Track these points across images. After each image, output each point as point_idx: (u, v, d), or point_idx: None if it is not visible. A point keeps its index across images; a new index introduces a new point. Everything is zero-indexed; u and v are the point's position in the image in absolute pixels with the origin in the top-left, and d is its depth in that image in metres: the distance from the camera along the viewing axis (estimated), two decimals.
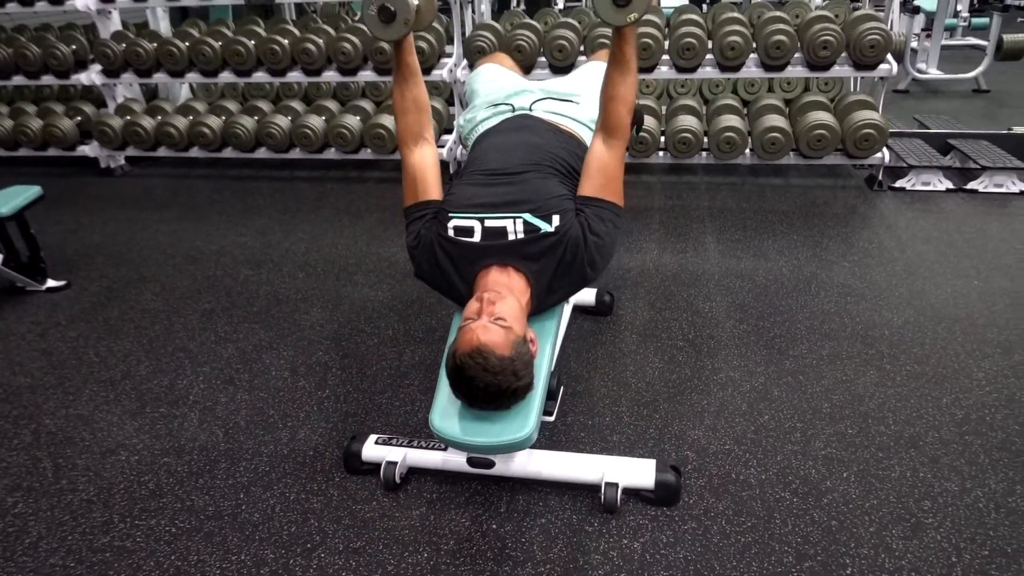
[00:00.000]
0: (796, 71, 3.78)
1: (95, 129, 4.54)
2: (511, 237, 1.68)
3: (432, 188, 1.79)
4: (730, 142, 3.82)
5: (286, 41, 4.17)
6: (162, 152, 4.61)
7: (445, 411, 1.65)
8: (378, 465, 1.89)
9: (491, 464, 1.77)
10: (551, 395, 1.76)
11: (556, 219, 1.69)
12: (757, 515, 1.75)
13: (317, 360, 2.49)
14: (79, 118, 4.70)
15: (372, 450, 1.92)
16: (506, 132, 1.96)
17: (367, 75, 4.22)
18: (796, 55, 3.74)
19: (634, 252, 3.23)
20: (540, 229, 1.68)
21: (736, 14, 3.86)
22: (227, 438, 2.12)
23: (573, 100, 2.03)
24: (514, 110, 2.02)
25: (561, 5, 8.15)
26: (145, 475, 1.98)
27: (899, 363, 2.33)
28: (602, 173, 1.70)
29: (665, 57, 3.84)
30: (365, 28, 4.06)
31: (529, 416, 1.60)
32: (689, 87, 4.60)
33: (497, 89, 2.09)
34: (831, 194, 3.88)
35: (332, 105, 4.51)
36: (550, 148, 1.84)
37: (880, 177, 3.90)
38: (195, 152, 4.56)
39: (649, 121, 3.95)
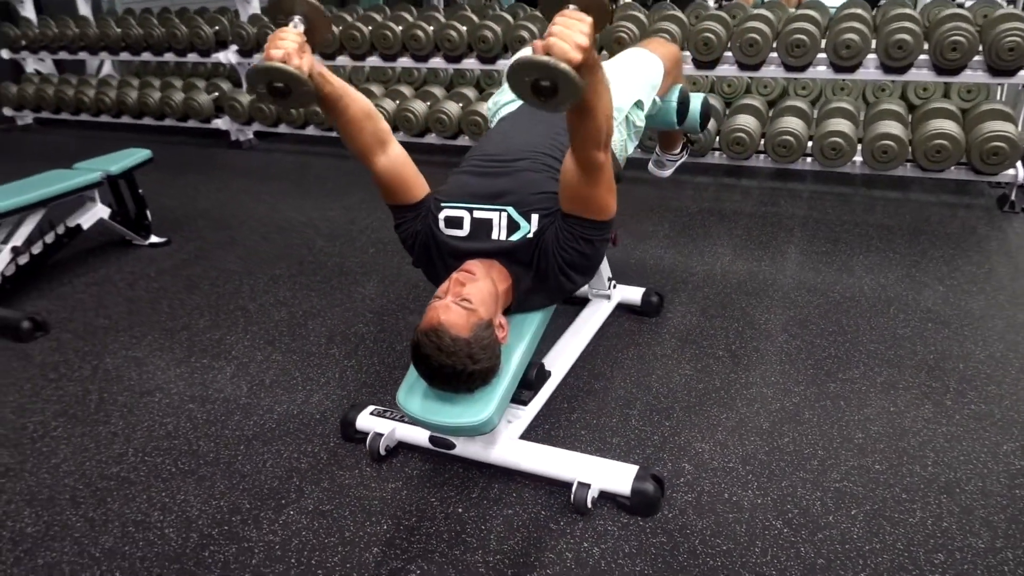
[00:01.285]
0: (976, 76, 3.39)
1: (226, 104, 4.92)
2: (495, 233, 1.64)
3: (415, 186, 1.73)
4: (836, 148, 3.53)
5: (430, 28, 4.27)
6: (283, 129, 4.91)
7: (412, 387, 1.64)
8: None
9: (451, 445, 1.75)
10: (528, 384, 1.70)
11: (535, 219, 1.63)
12: (737, 540, 1.61)
13: (355, 331, 2.57)
14: (216, 94, 5.11)
15: (366, 420, 1.95)
16: (518, 117, 1.91)
17: (725, 69, 3.85)
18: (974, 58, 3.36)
19: (704, 256, 3.07)
20: (519, 227, 1.63)
21: (908, 10, 3.48)
22: (249, 393, 2.23)
23: None
24: None
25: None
26: (168, 417, 2.13)
27: (964, 400, 2.06)
28: (578, 198, 1.56)
29: (822, 56, 3.57)
30: (507, 17, 4.12)
31: (490, 402, 1.56)
32: (849, 89, 4.26)
33: None
34: (951, 213, 3.50)
35: (470, 92, 4.53)
36: (559, 136, 1.77)
37: (1013, 197, 3.46)
38: (311, 130, 4.82)
39: (750, 122, 3.74)
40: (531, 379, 1.70)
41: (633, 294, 2.59)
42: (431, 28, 4.28)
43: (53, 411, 2.18)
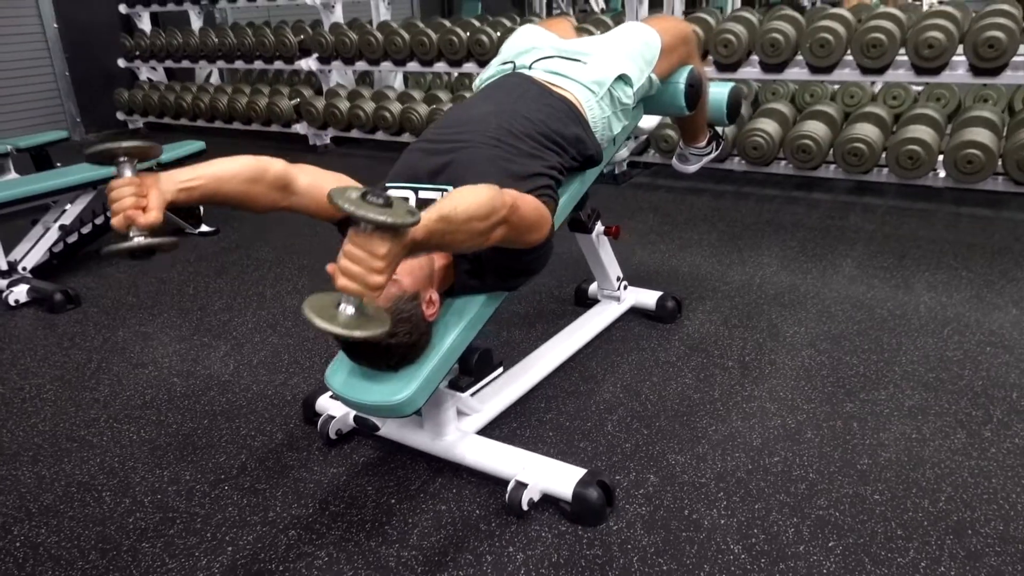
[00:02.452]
0: None
1: (303, 109, 5.08)
2: None
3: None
4: (913, 157, 3.19)
5: (497, 34, 4.23)
6: (355, 134, 5.02)
7: (340, 363, 1.55)
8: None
9: (374, 427, 1.64)
10: (467, 370, 1.58)
11: None
12: (682, 562, 1.41)
13: None
14: (297, 99, 5.29)
15: (324, 402, 1.88)
16: (486, 92, 1.80)
17: (795, 73, 3.58)
18: None
19: (746, 266, 2.83)
20: None
21: (1007, 6, 3.13)
22: (233, 372, 2.22)
23: (581, 60, 1.80)
24: (515, 68, 1.85)
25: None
26: (149, 389, 2.14)
27: (1007, 433, 1.75)
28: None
29: (902, 58, 3.28)
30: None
31: (412, 381, 1.45)
32: (928, 92, 3.89)
33: (513, 47, 1.94)
34: None
35: None
36: (521, 112, 1.64)
37: None
38: (380, 135, 4.89)
39: (818, 129, 3.45)
40: (470, 364, 1.57)
41: (648, 298, 2.41)
42: (498, 34, 4.24)
43: (52, 376, 2.25)
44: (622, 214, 3.54)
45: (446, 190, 1.53)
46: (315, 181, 1.53)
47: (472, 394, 1.68)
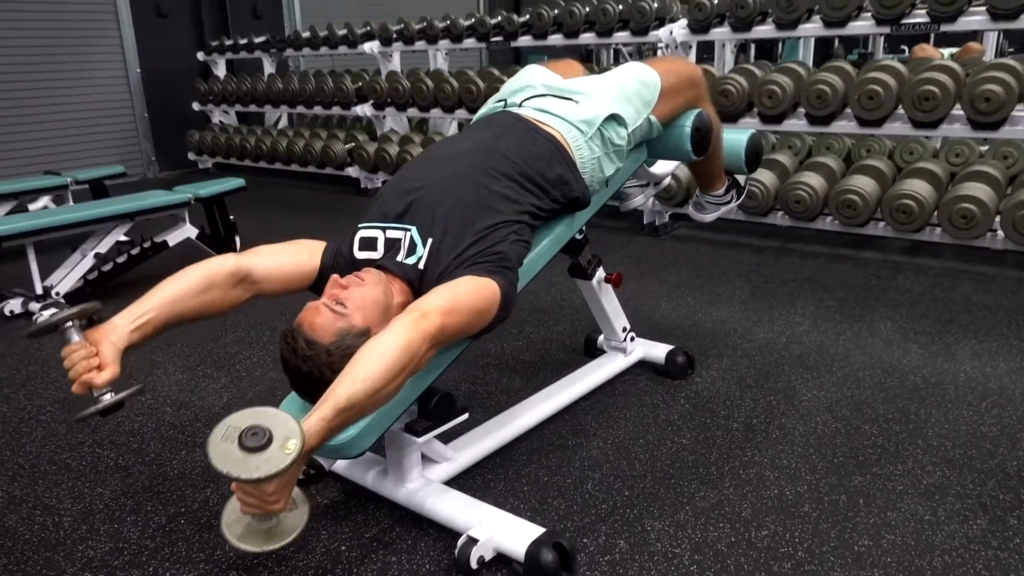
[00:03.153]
0: None
1: (355, 153, 5.19)
2: (400, 254, 1.48)
3: (303, 263, 1.54)
4: (967, 216, 2.98)
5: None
6: None
7: (292, 400, 1.50)
8: None
9: (319, 467, 1.56)
10: (424, 414, 1.50)
11: (429, 244, 1.46)
12: None
13: None
14: (352, 144, 5.42)
15: None
16: (470, 130, 1.76)
17: (843, 126, 3.43)
18: None
19: (775, 324, 2.67)
20: (415, 250, 1.47)
21: None
22: (225, 405, 2.20)
23: (572, 99, 1.74)
24: (506, 106, 1.81)
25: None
26: (140, 417, 2.14)
27: None
28: None
29: (960, 113, 3.10)
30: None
31: (358, 422, 1.38)
32: (994, 150, 3.67)
33: (509, 86, 1.89)
34: None
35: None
36: (502, 150, 1.59)
37: None
38: None
39: (865, 184, 3.28)
40: (428, 408, 1.49)
41: (658, 351, 2.28)
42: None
43: (54, 398, 2.28)
44: (655, 266, 3.42)
45: (409, 229, 1.49)
46: (273, 262, 1.51)
47: (441, 440, 1.60)
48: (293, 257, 1.54)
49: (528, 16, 4.48)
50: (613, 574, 1.44)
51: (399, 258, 1.48)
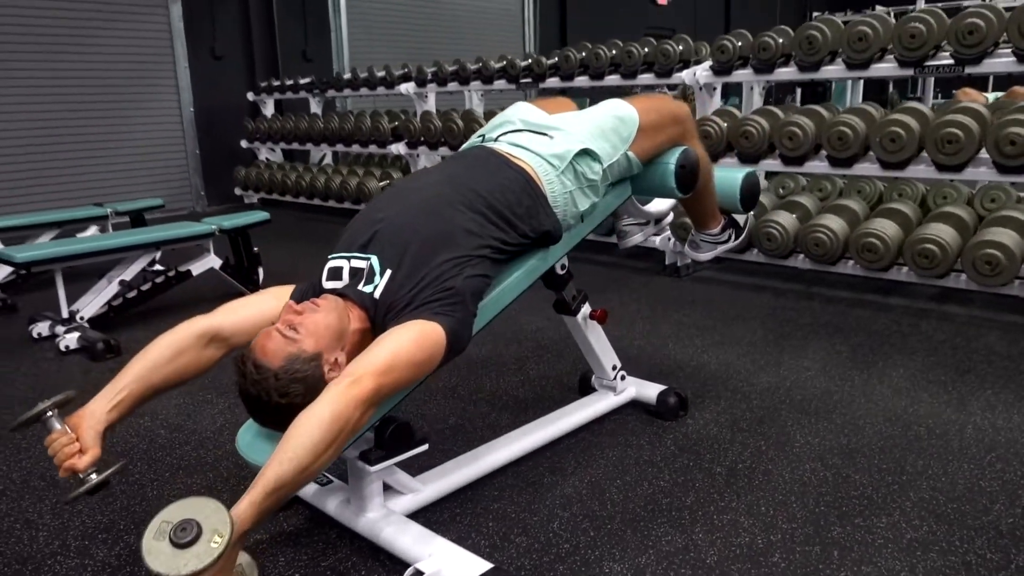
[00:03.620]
0: None
1: None
2: (362, 282, 1.51)
3: (268, 308, 1.55)
4: (991, 262, 2.87)
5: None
6: None
7: (252, 424, 1.52)
8: None
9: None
10: (380, 443, 1.50)
11: (387, 276, 1.49)
12: None
13: None
14: (387, 181, 5.55)
15: None
16: (444, 163, 1.79)
17: (865, 168, 3.35)
18: None
19: (781, 368, 2.60)
20: (374, 279, 1.50)
21: None
22: (217, 429, 2.24)
23: (547, 134, 1.75)
24: (484, 140, 1.83)
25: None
26: (134, 438, 2.20)
27: None
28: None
29: (984, 156, 3.00)
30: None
31: None
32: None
33: (492, 122, 1.92)
34: None
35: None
36: (470, 183, 1.61)
37: None
38: None
39: (886, 228, 3.19)
40: (383, 437, 1.49)
41: (649, 391, 2.24)
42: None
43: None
44: (670, 307, 3.38)
45: (369, 259, 1.51)
46: (239, 316, 1.54)
47: (410, 472, 1.60)
48: (260, 306, 1.57)
49: (556, 59, 4.54)
50: None
51: (359, 286, 1.51)
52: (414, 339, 1.38)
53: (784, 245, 3.45)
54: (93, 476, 1.32)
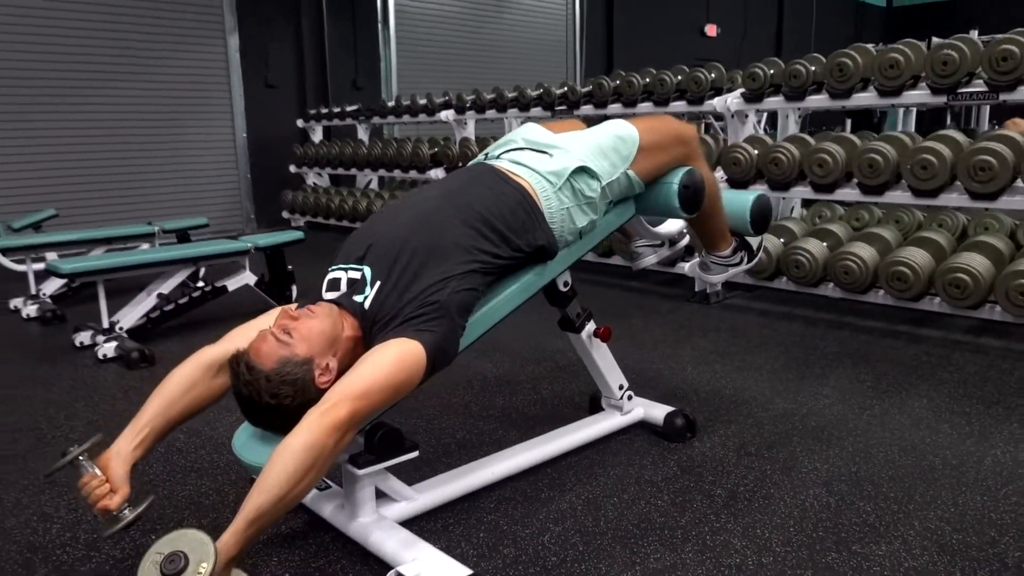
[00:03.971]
0: None
1: None
2: (354, 294, 1.56)
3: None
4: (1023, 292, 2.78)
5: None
6: None
7: (247, 426, 1.58)
8: None
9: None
10: (370, 448, 1.54)
11: (376, 287, 1.54)
12: None
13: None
14: None
15: None
16: (443, 179, 1.84)
17: (897, 196, 3.31)
18: None
19: (799, 396, 2.55)
20: (364, 289, 1.55)
21: None
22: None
23: (547, 152, 1.79)
24: (486, 159, 1.88)
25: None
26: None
27: None
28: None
29: (1020, 184, 2.94)
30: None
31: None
32: None
33: (498, 141, 1.96)
34: None
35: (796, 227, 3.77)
36: (466, 199, 1.65)
37: None
38: None
39: (916, 256, 3.12)
40: (372, 442, 1.53)
41: (657, 412, 2.24)
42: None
43: (88, 419, 2.47)
44: (693, 332, 3.36)
45: (362, 270, 1.57)
46: (244, 342, 1.55)
47: (406, 480, 1.63)
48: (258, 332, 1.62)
49: (590, 86, 4.60)
50: None
51: (352, 296, 1.56)
52: (392, 360, 1.42)
53: (813, 273, 3.40)
54: (127, 512, 1.42)
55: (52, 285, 4.08)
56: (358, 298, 1.54)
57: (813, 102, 3.63)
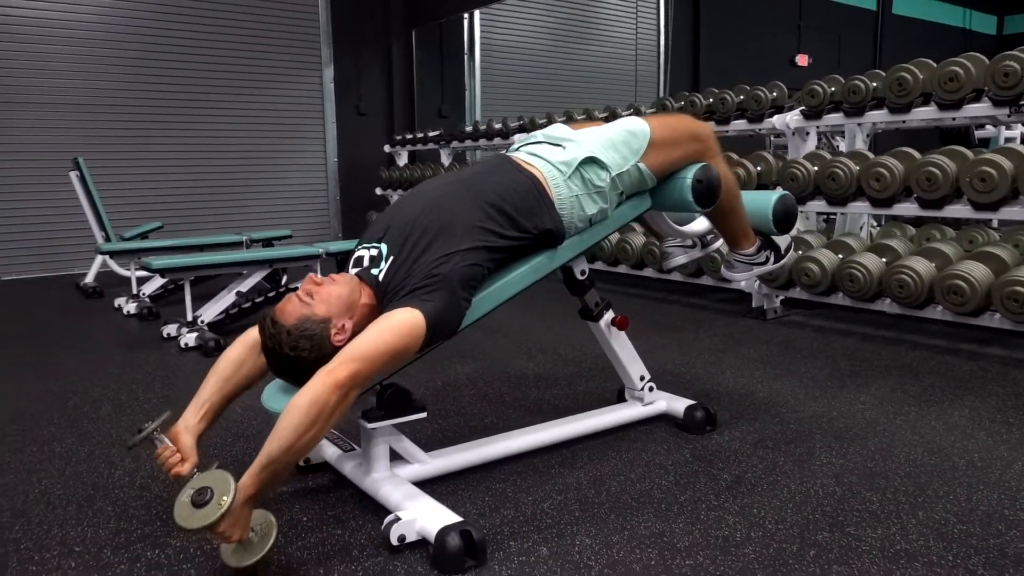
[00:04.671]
0: None
1: None
2: (372, 267, 1.73)
3: None
4: None
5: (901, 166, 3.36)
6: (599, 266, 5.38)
7: (277, 381, 1.76)
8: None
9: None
10: (379, 405, 1.69)
11: (390, 261, 1.71)
12: None
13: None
14: None
15: None
16: (462, 168, 2.00)
17: (956, 210, 3.23)
18: None
19: (835, 400, 2.54)
20: (380, 263, 1.72)
21: None
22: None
23: (561, 145, 1.91)
24: (508, 151, 2.02)
25: None
26: None
27: None
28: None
29: None
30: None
31: None
32: None
33: (524, 136, 2.10)
34: None
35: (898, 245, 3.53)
36: (478, 183, 1.80)
37: None
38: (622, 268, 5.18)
39: (978, 271, 3.04)
40: (382, 399, 1.68)
41: (678, 404, 2.29)
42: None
43: (162, 394, 2.74)
44: (741, 343, 3.37)
45: (380, 246, 1.74)
46: None
47: (423, 447, 1.77)
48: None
49: (654, 108, 4.70)
50: (519, 571, 1.50)
51: (371, 270, 1.73)
52: (393, 327, 1.57)
53: (867, 287, 3.35)
54: (195, 474, 1.59)
55: (151, 286, 4.50)
56: (374, 271, 1.71)
57: (872, 117, 3.60)
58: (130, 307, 4.29)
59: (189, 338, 3.41)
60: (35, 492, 1.93)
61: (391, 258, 1.71)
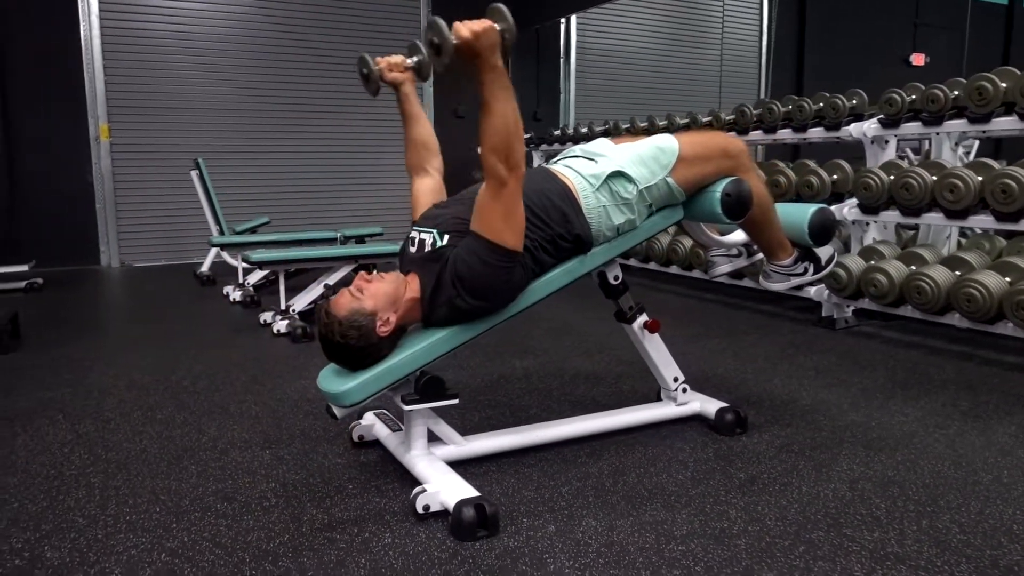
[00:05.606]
0: None
1: None
2: (426, 249, 1.96)
3: (418, 207, 2.15)
4: None
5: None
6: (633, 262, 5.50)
7: (331, 365, 2.02)
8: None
9: (333, 415, 1.99)
10: (416, 390, 1.91)
11: (447, 238, 1.91)
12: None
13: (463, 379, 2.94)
14: None
15: (367, 418, 2.32)
16: None
17: (981, 220, 3.28)
18: None
19: (879, 411, 2.57)
20: (436, 243, 1.92)
21: None
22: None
23: (594, 159, 2.07)
24: (548, 163, 2.19)
25: None
26: (295, 393, 2.82)
27: None
28: (478, 210, 1.83)
29: None
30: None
31: (354, 380, 1.84)
32: None
33: (566, 150, 2.27)
34: None
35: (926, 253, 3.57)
36: (524, 188, 1.99)
37: None
38: (652, 265, 5.29)
39: None
40: (419, 384, 1.90)
41: (710, 406, 2.40)
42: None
43: (251, 374, 3.08)
44: (800, 351, 3.40)
45: (432, 232, 1.96)
46: (426, 185, 2.27)
47: (458, 430, 1.99)
48: (426, 202, 2.18)
49: (733, 116, 4.73)
50: (525, 543, 1.69)
51: (424, 251, 1.95)
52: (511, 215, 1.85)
53: (934, 300, 3.30)
54: (408, 62, 2.04)
55: (255, 276, 4.94)
56: (428, 248, 1.94)
57: (950, 127, 3.53)
58: (236, 295, 4.74)
59: (281, 325, 3.77)
60: (136, 449, 2.27)
61: (446, 236, 1.93)
